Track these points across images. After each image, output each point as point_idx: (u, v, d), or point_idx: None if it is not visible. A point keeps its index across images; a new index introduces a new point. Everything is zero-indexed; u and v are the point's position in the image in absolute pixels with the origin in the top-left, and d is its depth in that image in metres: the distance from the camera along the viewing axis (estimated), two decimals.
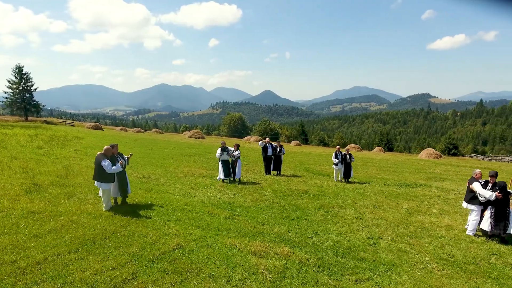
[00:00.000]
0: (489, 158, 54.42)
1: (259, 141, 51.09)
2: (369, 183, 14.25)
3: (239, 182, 12.42)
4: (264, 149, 14.74)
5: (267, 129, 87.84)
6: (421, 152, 36.34)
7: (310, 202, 10.17)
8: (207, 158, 19.46)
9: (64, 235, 5.78)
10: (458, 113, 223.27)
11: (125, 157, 8.22)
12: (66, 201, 7.77)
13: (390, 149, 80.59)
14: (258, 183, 12.49)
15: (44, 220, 6.39)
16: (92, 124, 44.84)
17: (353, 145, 44.46)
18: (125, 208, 7.70)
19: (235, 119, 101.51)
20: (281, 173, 15.04)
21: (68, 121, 56.11)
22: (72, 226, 6.20)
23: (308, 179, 14.31)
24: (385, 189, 13.19)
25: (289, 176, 14.59)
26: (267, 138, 15.01)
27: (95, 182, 7.54)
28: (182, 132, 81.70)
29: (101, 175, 7.39)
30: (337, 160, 13.99)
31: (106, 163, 7.28)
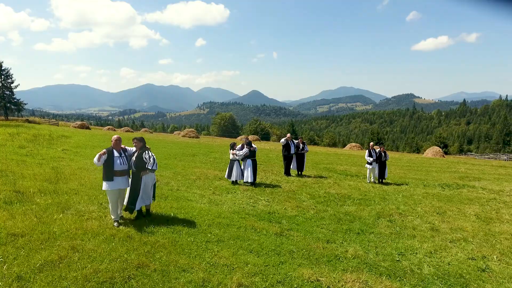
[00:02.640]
0: (486, 156, 54.00)
1: (256, 140, 49.19)
2: (407, 184, 12.56)
3: (252, 184, 10.44)
4: (286, 146, 12.87)
5: (257, 129, 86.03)
6: (427, 151, 35.22)
7: (362, 209, 8.35)
8: (213, 157, 17.44)
9: (65, 274, 3.75)
10: (443, 113, 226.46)
11: (150, 154, 6.13)
12: (61, 216, 5.69)
13: None
14: (286, 186, 10.59)
15: (33, 248, 4.32)
16: (79, 123, 41.85)
17: (353, 144, 43.05)
18: (142, 223, 5.68)
19: (226, 119, 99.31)
20: (305, 174, 13.20)
21: (52, 120, 52.70)
22: (75, 258, 4.16)
23: (338, 180, 12.50)
24: (428, 190, 11.52)
25: (316, 177, 12.74)
26: (289, 135, 13.13)
27: None
28: (172, 132, 78.99)
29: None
30: (371, 159, 12.24)
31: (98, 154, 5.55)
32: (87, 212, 6.06)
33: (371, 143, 12.80)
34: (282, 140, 12.93)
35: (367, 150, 12.52)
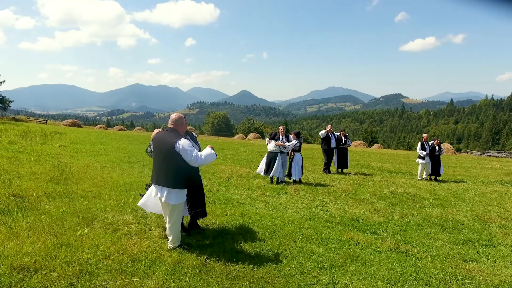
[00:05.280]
0: (488, 154, 53.48)
1: (256, 138, 47.22)
2: (464, 181, 11.00)
3: (299, 182, 8.91)
4: (326, 140, 11.18)
5: (251, 128, 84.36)
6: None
7: (451, 212, 6.70)
8: (230, 154, 15.65)
9: None
10: (431, 113, 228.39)
11: (195, 134, 4.38)
12: (86, 231, 3.83)
13: None
14: (337, 185, 8.88)
15: None
16: (70, 121, 39.03)
17: (358, 141, 41.61)
18: (207, 242, 3.88)
19: (219, 118, 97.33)
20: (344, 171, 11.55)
21: (40, 119, 49.52)
22: None
23: (387, 177, 10.87)
24: (494, 188, 9.98)
25: (360, 175, 11.05)
26: (329, 126, 11.42)
27: (155, 189, 3.62)
28: None
29: (172, 173, 3.46)
30: (424, 153, 10.67)
31: (189, 146, 3.40)
32: (121, 224, 4.21)
33: (425, 135, 11.20)
34: (322, 132, 11.23)
35: (419, 143, 10.94)
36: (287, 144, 8.70)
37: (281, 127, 9.07)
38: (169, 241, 3.62)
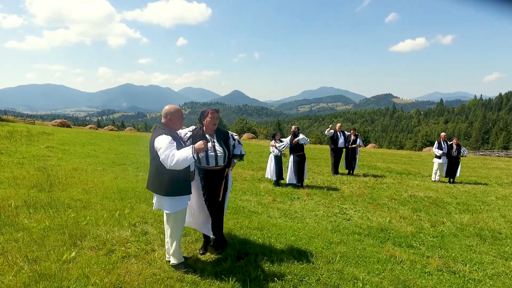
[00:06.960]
0: (481, 153, 53.79)
1: (252, 138, 46.40)
2: (484, 184, 10.46)
3: (301, 186, 8.11)
4: (333, 139, 10.54)
5: (244, 128, 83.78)
6: (427, 148, 34.02)
7: (481, 220, 6.07)
8: None
9: None
10: (422, 112, 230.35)
11: (236, 137, 3.64)
12: (73, 254, 3.07)
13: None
14: (349, 188, 8.21)
15: None
16: (59, 121, 37.67)
17: None
18: (226, 265, 3.16)
19: None
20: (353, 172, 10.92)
21: (28, 119, 47.94)
22: None
23: (399, 179, 10.26)
24: None
25: (368, 176, 10.42)
26: (338, 124, 10.77)
27: (154, 196, 2.95)
28: None
29: (157, 176, 2.82)
30: (440, 152, 10.12)
31: (165, 143, 2.66)
32: (117, 243, 3.45)
33: (442, 134, 10.66)
34: (327, 131, 10.57)
35: (436, 142, 10.41)
36: (277, 145, 8.07)
37: (293, 127, 8.42)
38: (168, 255, 2.98)
